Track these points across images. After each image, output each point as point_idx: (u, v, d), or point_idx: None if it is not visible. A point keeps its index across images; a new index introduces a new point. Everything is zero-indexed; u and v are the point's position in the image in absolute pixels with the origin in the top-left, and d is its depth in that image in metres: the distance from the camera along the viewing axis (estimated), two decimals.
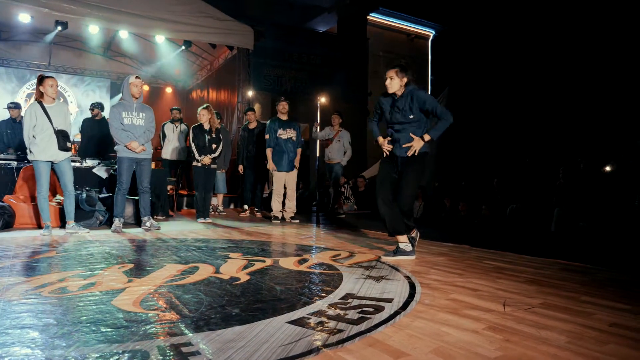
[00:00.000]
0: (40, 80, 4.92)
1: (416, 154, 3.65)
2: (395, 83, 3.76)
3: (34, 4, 7.12)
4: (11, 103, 7.64)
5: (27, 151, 4.92)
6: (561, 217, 6.15)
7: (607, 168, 7.06)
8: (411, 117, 3.71)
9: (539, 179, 7.62)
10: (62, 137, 4.92)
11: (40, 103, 4.91)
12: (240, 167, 7.80)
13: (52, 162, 4.99)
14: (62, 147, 4.93)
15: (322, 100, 10.73)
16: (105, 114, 8.33)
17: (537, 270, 3.18)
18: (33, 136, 4.85)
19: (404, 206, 3.74)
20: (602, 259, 3.81)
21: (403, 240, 3.72)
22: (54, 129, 4.90)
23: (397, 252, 3.70)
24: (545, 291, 2.54)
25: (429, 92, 16.20)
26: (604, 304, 2.27)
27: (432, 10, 15.83)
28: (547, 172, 7.66)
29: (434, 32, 16.75)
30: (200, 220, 6.50)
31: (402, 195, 3.74)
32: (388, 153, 3.86)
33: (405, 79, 3.76)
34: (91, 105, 8.31)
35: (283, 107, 6.71)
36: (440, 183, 8.95)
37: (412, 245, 3.93)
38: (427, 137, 3.64)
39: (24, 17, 7.75)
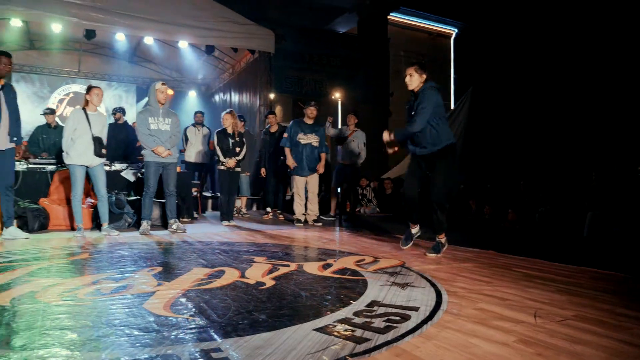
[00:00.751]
0: (88, 89, 5.27)
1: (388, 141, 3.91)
2: (414, 80, 3.94)
3: (64, 14, 7.35)
4: (47, 109, 7.90)
5: (64, 154, 5.13)
6: (594, 222, 5.91)
7: None
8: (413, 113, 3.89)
9: (570, 181, 7.38)
10: (99, 143, 5.17)
11: (84, 110, 5.19)
12: (263, 170, 7.86)
13: (87, 167, 5.18)
14: (98, 153, 5.16)
15: (337, 95, 10.69)
16: (129, 118, 8.52)
17: (569, 279, 3.10)
18: (71, 139, 5.06)
19: (436, 198, 3.91)
20: (639, 268, 3.68)
21: (414, 232, 4.14)
22: (92, 135, 5.12)
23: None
24: (578, 302, 2.47)
25: (452, 92, 16.06)
26: None
27: (454, 8, 15.64)
28: (579, 174, 7.42)
29: (456, 30, 16.58)
30: (225, 222, 6.58)
31: (434, 186, 3.91)
32: (391, 151, 4.14)
33: (424, 76, 3.91)
34: (113, 109, 8.55)
35: (311, 112, 6.70)
36: (465, 185, 8.83)
37: (437, 251, 3.94)
38: (391, 136, 3.96)
39: (55, 27, 7.99)
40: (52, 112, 7.86)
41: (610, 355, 1.70)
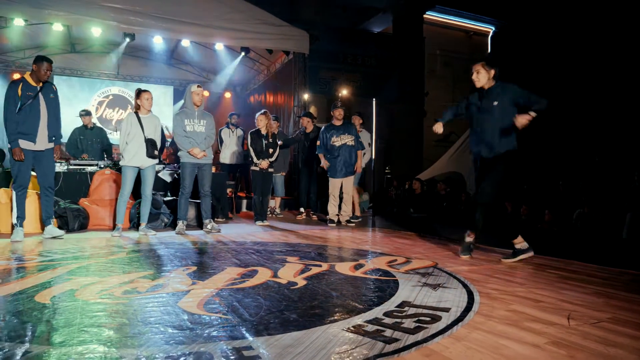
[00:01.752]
0: (138, 94, 5.45)
1: (526, 123, 3.57)
2: (482, 76, 3.81)
3: (104, 18, 7.60)
4: (82, 111, 8.02)
5: (120, 156, 5.36)
6: (634, 223, 5.74)
7: None
8: (495, 103, 3.74)
9: (609, 181, 7.14)
10: (151, 145, 5.34)
11: (137, 114, 5.39)
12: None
13: (139, 168, 5.37)
14: (150, 155, 5.34)
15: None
16: (166, 118, 8.66)
17: (606, 281, 3.02)
18: (126, 142, 5.26)
19: (479, 198, 3.86)
20: None
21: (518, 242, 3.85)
22: (145, 138, 5.30)
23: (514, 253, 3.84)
24: (615, 304, 2.41)
25: None
26: None
27: (491, 5, 15.29)
28: (619, 173, 7.18)
29: (493, 28, 16.22)
30: (259, 223, 6.67)
31: (481, 187, 3.86)
32: (439, 131, 4.05)
33: (492, 72, 3.79)
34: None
35: (339, 113, 6.74)
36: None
37: (467, 251, 3.89)
38: (529, 116, 3.55)
39: (95, 31, 8.28)
40: (87, 113, 7.99)
41: None
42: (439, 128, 4.12)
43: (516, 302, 2.43)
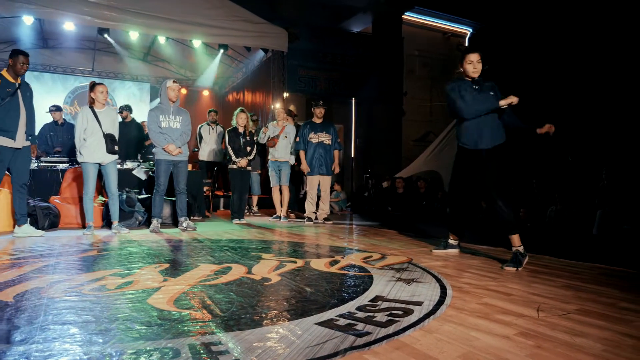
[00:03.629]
0: (92, 86, 5.23)
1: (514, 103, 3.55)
2: (480, 67, 3.72)
3: (77, 12, 7.42)
4: (52, 106, 7.86)
5: (77, 153, 5.18)
6: (604, 220, 5.90)
7: None
8: (492, 93, 3.67)
9: (581, 180, 7.33)
10: (110, 140, 5.20)
11: (92, 108, 5.21)
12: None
13: (99, 165, 5.23)
14: (110, 150, 5.20)
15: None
16: (143, 116, 8.54)
17: (575, 275, 3.08)
18: (84, 139, 5.11)
19: (496, 190, 3.56)
20: None
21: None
22: (103, 133, 5.16)
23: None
24: (582, 297, 2.46)
25: None
26: None
27: (469, 8, 15.49)
28: (590, 172, 7.37)
29: (471, 30, 16.42)
30: (235, 221, 6.61)
31: (491, 180, 3.59)
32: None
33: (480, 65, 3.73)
34: (120, 108, 8.52)
35: (320, 112, 6.76)
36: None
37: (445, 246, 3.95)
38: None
39: (68, 25, 8.10)
40: (58, 109, 7.84)
41: (608, 347, 1.70)
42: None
43: (488, 296, 2.46)
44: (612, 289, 2.65)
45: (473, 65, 3.73)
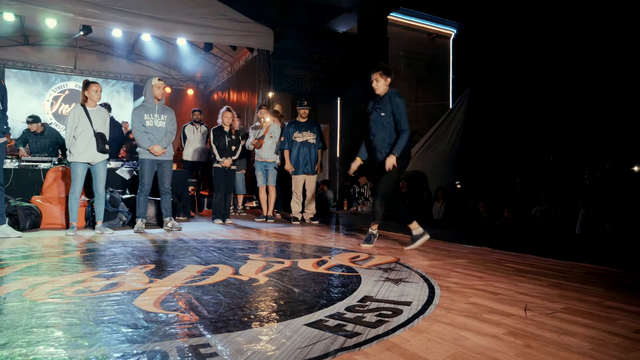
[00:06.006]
0: (86, 85, 5.17)
1: (393, 168, 4.05)
2: (381, 85, 4.10)
3: (59, 9, 7.26)
4: (29, 117, 7.46)
5: (67, 152, 5.09)
6: (587, 219, 6.00)
7: (635, 168, 6.88)
8: (383, 114, 4.12)
9: (563, 180, 7.45)
10: (101, 139, 5.11)
11: (84, 106, 5.13)
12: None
13: (89, 164, 5.15)
14: (101, 149, 5.12)
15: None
16: (127, 115, 8.45)
17: (560, 274, 3.12)
18: (74, 137, 5.02)
19: (377, 192, 4.36)
20: (629, 263, 3.71)
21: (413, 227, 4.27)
22: (94, 132, 5.08)
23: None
24: (568, 295, 2.49)
25: (451, 92, 16.11)
26: (629, 310, 2.21)
27: (453, 9, 15.64)
28: (572, 173, 7.49)
29: (455, 31, 16.56)
30: (218, 221, 6.54)
31: (378, 184, 4.35)
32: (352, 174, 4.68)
33: (389, 80, 4.09)
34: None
35: (304, 112, 6.75)
36: (463, 184, 8.84)
37: (369, 241, 4.35)
38: (394, 157, 4.03)
39: (50, 22, 7.94)
40: (35, 120, 7.40)
41: (595, 345, 1.72)
42: (355, 166, 4.58)
43: (475, 295, 2.47)
44: (596, 288, 2.69)
45: (374, 83, 4.28)
